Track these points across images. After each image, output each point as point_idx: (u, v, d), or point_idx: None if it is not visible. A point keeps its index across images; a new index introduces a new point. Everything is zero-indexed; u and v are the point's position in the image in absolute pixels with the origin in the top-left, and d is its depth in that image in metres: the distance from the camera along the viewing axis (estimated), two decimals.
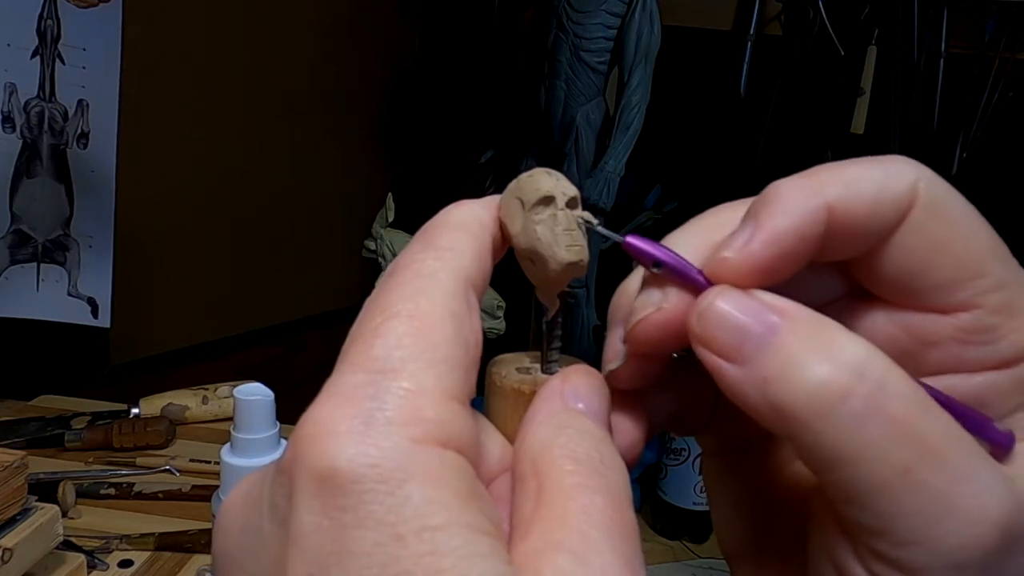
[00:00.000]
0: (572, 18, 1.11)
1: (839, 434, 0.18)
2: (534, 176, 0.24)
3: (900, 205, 0.21)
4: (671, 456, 1.00)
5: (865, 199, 0.21)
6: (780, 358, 0.19)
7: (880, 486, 0.18)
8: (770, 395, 0.19)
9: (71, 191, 0.93)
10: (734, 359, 0.20)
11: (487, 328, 1.17)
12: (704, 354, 0.20)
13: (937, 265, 0.21)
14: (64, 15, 0.88)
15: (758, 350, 0.20)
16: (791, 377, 0.19)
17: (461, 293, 0.21)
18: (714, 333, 0.20)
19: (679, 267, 0.22)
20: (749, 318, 0.20)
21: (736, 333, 0.20)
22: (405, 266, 0.21)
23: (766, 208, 0.21)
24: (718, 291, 0.21)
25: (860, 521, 0.19)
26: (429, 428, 0.18)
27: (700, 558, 1.00)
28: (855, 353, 0.19)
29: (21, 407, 0.97)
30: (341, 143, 1.48)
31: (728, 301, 0.20)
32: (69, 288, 0.94)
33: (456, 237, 0.22)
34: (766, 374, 0.19)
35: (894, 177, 0.21)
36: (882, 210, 0.21)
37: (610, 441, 0.21)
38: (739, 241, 0.21)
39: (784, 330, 0.20)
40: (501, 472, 0.22)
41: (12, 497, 0.60)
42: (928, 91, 1.13)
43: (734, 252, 0.21)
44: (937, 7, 1.10)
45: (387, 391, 0.18)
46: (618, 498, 0.19)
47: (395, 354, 0.19)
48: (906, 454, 0.18)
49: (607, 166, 1.10)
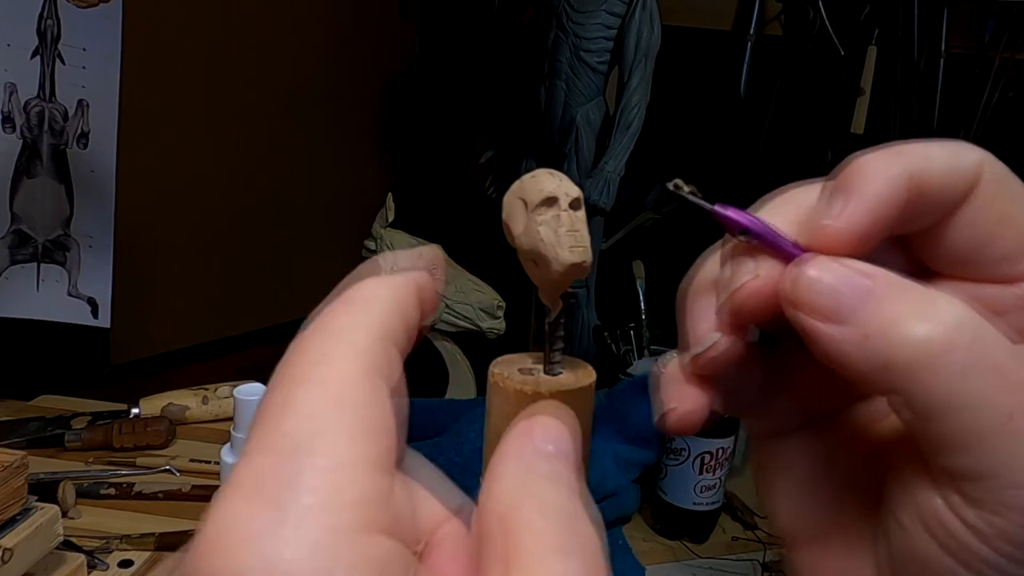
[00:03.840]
0: (572, 18, 1.11)
1: (944, 384, 0.19)
2: (537, 177, 0.24)
3: (968, 179, 0.22)
4: (671, 456, 1.00)
5: (939, 170, 0.22)
6: (881, 316, 0.20)
7: (985, 432, 0.19)
8: (872, 351, 0.20)
9: (71, 191, 0.93)
10: (832, 319, 0.21)
11: (487, 328, 1.17)
12: (800, 318, 0.21)
13: (1002, 237, 0.22)
14: (64, 15, 0.88)
15: (857, 310, 0.20)
16: (895, 333, 0.20)
17: (379, 348, 0.19)
18: (810, 296, 0.21)
19: (769, 235, 0.23)
20: (845, 281, 0.21)
21: (832, 296, 0.21)
22: (315, 327, 0.19)
23: (856, 178, 0.22)
24: (810, 258, 0.22)
25: (961, 469, 0.20)
26: (354, 513, 0.16)
27: (700, 558, 1.00)
28: (952, 308, 0.20)
29: (21, 407, 0.97)
30: (341, 143, 1.48)
31: (821, 266, 0.21)
32: (69, 288, 0.94)
33: (373, 288, 0.20)
34: (867, 331, 0.20)
35: (963, 154, 0.22)
36: (954, 181, 0.22)
37: (582, 489, 0.20)
38: (836, 209, 0.22)
39: (880, 291, 0.21)
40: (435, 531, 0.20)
41: (12, 497, 0.60)
42: (928, 91, 1.13)
43: (834, 219, 0.22)
44: (937, 7, 1.10)
45: (301, 473, 0.16)
46: (593, 558, 0.18)
47: (306, 427, 0.17)
48: (1009, 400, 0.19)
49: (607, 166, 1.10)
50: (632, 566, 0.92)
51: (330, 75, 1.43)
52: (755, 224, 0.23)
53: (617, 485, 0.99)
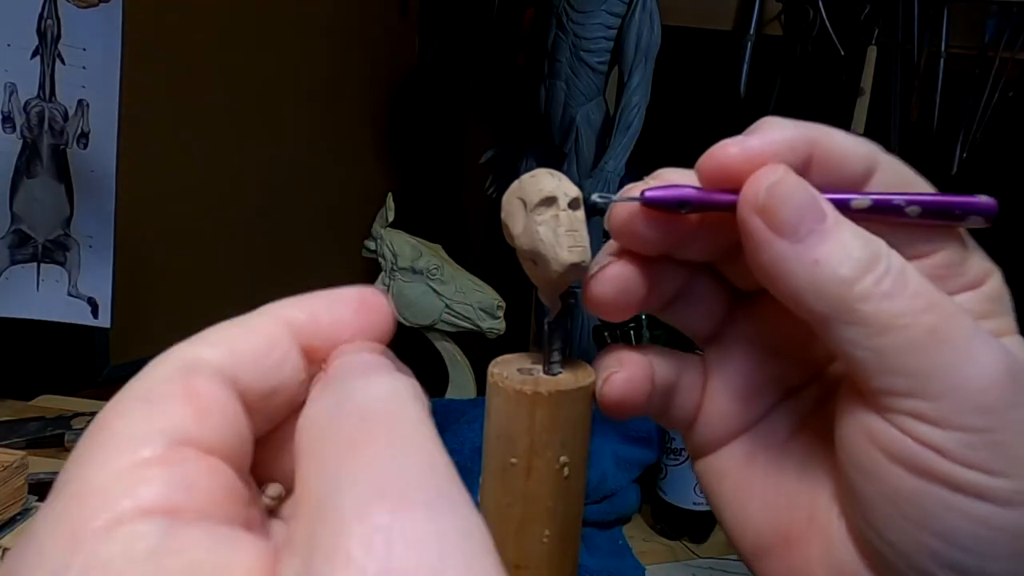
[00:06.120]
0: (572, 18, 1.11)
1: (877, 307, 0.21)
2: (536, 177, 0.24)
3: (868, 156, 0.24)
4: (671, 456, 1.00)
5: (840, 142, 0.24)
6: (833, 243, 0.22)
7: (914, 345, 0.21)
8: (818, 277, 0.22)
9: (71, 191, 0.93)
10: (788, 236, 0.22)
11: (487, 328, 1.17)
12: (756, 225, 0.22)
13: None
14: (64, 15, 0.88)
15: (813, 233, 0.22)
16: (840, 262, 0.22)
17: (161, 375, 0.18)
18: (778, 206, 0.22)
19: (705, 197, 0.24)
20: (813, 202, 0.23)
21: (798, 212, 0.22)
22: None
23: (761, 126, 0.24)
24: (786, 169, 0.23)
25: (895, 387, 0.22)
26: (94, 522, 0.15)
27: (700, 558, 1.00)
28: (881, 243, 0.22)
29: (21, 407, 0.97)
30: (341, 143, 1.48)
31: (798, 180, 0.23)
32: (69, 288, 0.94)
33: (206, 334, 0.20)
34: (817, 256, 0.22)
35: (857, 138, 0.25)
36: (856, 154, 0.24)
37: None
38: (737, 139, 0.24)
39: (832, 220, 0.22)
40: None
41: (12, 497, 0.60)
42: (928, 91, 1.13)
43: (735, 144, 0.24)
44: (937, 7, 1.10)
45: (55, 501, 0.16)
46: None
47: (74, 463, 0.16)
48: (931, 318, 0.21)
49: (607, 166, 1.10)
50: (632, 566, 0.92)
51: (330, 74, 1.43)
52: (688, 193, 0.23)
53: (617, 485, 0.99)
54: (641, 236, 0.24)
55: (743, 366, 0.27)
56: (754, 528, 0.26)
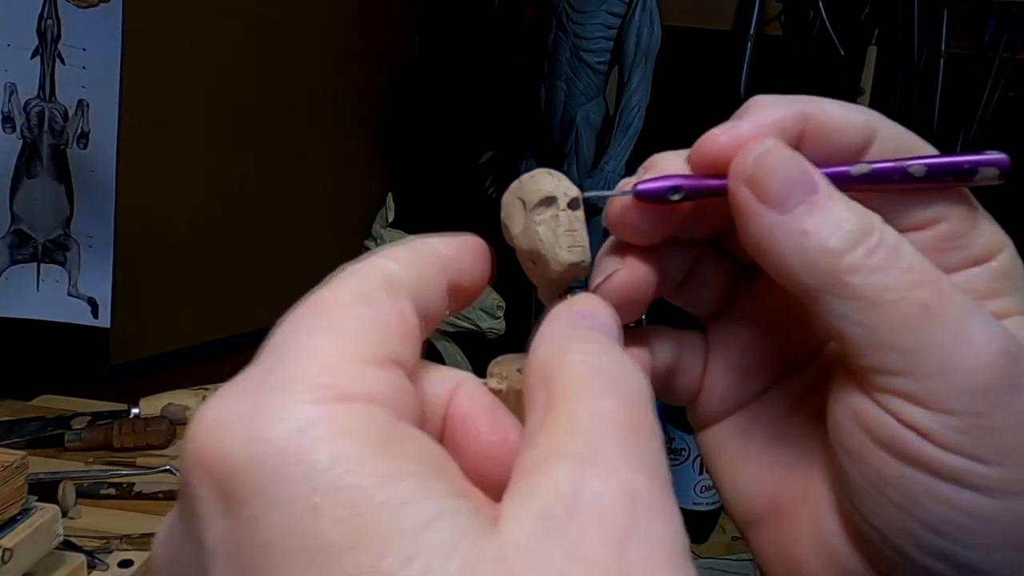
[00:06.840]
0: (572, 18, 1.11)
1: (867, 279, 0.21)
2: (536, 177, 0.24)
3: (864, 126, 0.24)
4: (671, 456, 1.00)
5: (834, 113, 0.23)
6: (823, 215, 0.21)
7: (905, 321, 0.20)
8: (806, 247, 0.21)
9: (71, 191, 0.93)
10: (776, 206, 0.22)
11: (487, 328, 1.17)
12: (744, 196, 0.22)
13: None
14: (64, 15, 0.88)
15: (803, 204, 0.21)
16: (829, 233, 0.21)
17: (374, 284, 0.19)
18: (766, 177, 0.22)
19: (696, 183, 0.23)
20: (803, 172, 0.22)
21: (787, 182, 0.22)
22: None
23: (750, 108, 0.24)
24: (776, 142, 0.22)
25: (885, 365, 0.21)
26: (325, 390, 0.16)
27: (700, 558, 1.00)
28: (875, 217, 0.22)
29: (21, 407, 0.97)
30: (341, 143, 1.47)
31: (788, 152, 0.22)
32: (69, 288, 0.94)
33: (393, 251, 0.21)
34: (806, 227, 0.21)
35: (853, 107, 0.24)
36: (851, 125, 0.23)
37: (622, 351, 0.20)
38: (725, 126, 0.23)
39: (823, 192, 0.22)
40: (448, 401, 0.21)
41: (12, 497, 0.60)
42: (928, 91, 1.13)
43: (724, 131, 0.23)
44: (937, 7, 1.10)
45: (277, 361, 0.17)
46: (632, 400, 0.18)
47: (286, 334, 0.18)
48: (924, 293, 0.21)
49: (607, 166, 1.10)
50: None
51: (330, 75, 1.43)
52: (679, 182, 0.23)
53: None
54: (638, 229, 0.24)
55: (744, 342, 0.27)
56: (747, 499, 0.26)
